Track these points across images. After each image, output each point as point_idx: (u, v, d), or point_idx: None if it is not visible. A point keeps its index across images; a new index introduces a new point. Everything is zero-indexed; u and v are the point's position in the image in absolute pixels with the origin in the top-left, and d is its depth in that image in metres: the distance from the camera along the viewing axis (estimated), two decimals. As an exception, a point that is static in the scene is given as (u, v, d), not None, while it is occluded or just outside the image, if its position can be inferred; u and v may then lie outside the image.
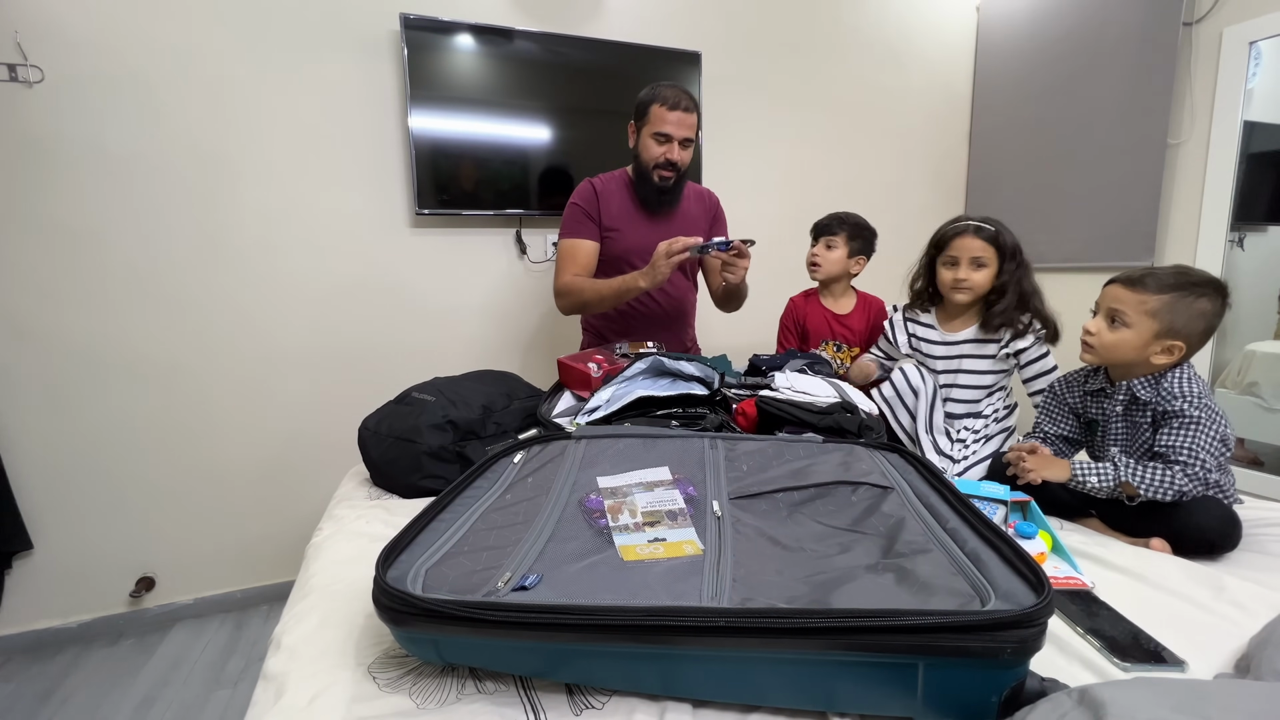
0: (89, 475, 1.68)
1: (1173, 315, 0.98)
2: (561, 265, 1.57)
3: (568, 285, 1.55)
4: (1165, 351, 1.00)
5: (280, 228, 1.78)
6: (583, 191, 1.60)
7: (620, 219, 1.59)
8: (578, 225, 1.58)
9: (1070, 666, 0.67)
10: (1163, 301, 0.98)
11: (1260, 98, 1.88)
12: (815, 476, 0.86)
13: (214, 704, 1.46)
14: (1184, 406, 0.97)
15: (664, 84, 1.52)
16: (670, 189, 1.56)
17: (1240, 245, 1.95)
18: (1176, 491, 0.95)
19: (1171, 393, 0.99)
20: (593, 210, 1.57)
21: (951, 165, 2.70)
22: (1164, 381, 1.01)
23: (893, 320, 1.44)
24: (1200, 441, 0.95)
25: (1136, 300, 1.00)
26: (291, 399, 1.86)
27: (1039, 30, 2.38)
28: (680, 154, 1.52)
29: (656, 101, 1.48)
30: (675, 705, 0.59)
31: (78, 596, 1.71)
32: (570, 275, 1.55)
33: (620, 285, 1.46)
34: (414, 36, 1.77)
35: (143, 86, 1.61)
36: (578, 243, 1.57)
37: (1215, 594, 0.80)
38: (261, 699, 0.64)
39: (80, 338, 1.63)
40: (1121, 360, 1.04)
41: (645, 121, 1.51)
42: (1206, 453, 0.95)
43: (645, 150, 1.52)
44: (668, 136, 1.49)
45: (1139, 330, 1.00)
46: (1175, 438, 0.97)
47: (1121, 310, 1.01)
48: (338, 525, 1.05)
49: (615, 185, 1.61)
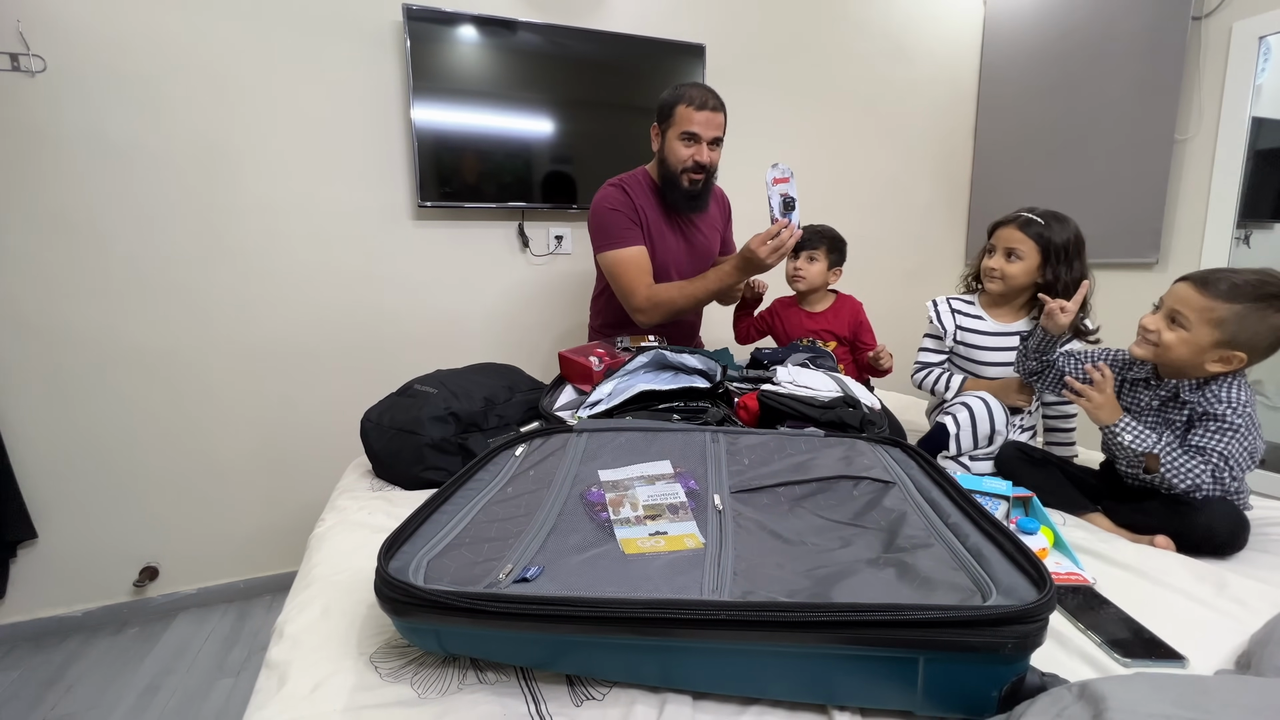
0: (93, 465, 1.69)
1: (1239, 327, 0.92)
2: (631, 277, 1.47)
3: (654, 298, 1.46)
4: (1222, 361, 0.94)
5: (283, 220, 1.78)
6: (616, 198, 1.51)
7: (654, 227, 1.52)
8: (628, 232, 1.49)
9: (1071, 661, 0.67)
10: (1232, 311, 0.92)
11: (1269, 93, 1.87)
12: (817, 471, 0.86)
13: (217, 692, 1.47)
14: (1226, 411, 0.95)
15: (688, 83, 1.46)
16: (700, 192, 1.51)
17: (1246, 242, 1.94)
18: (1194, 485, 0.94)
19: (1217, 396, 0.96)
20: (634, 216, 1.50)
21: (956, 160, 2.69)
22: (1211, 385, 0.97)
23: (938, 309, 1.40)
24: (1233, 448, 0.93)
25: (1204, 305, 0.94)
26: (294, 391, 1.86)
27: (1045, 25, 2.36)
28: (710, 155, 1.46)
29: (682, 102, 1.42)
30: (676, 697, 0.59)
31: (82, 585, 1.72)
32: (646, 286, 1.47)
33: (717, 285, 1.40)
34: (417, 28, 1.77)
35: (145, 78, 1.60)
36: (635, 251, 1.49)
37: (1217, 590, 0.80)
38: (264, 687, 0.64)
39: (83, 329, 1.64)
40: (1174, 361, 0.99)
41: (671, 123, 1.45)
42: (1236, 460, 0.93)
43: (672, 153, 1.46)
44: (696, 137, 1.44)
45: (1197, 336, 0.94)
46: (1210, 439, 0.95)
47: (1183, 313, 0.96)
48: (340, 516, 1.05)
49: (641, 190, 1.53)
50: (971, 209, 2.72)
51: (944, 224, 2.72)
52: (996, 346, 1.33)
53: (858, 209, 2.52)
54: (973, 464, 1.27)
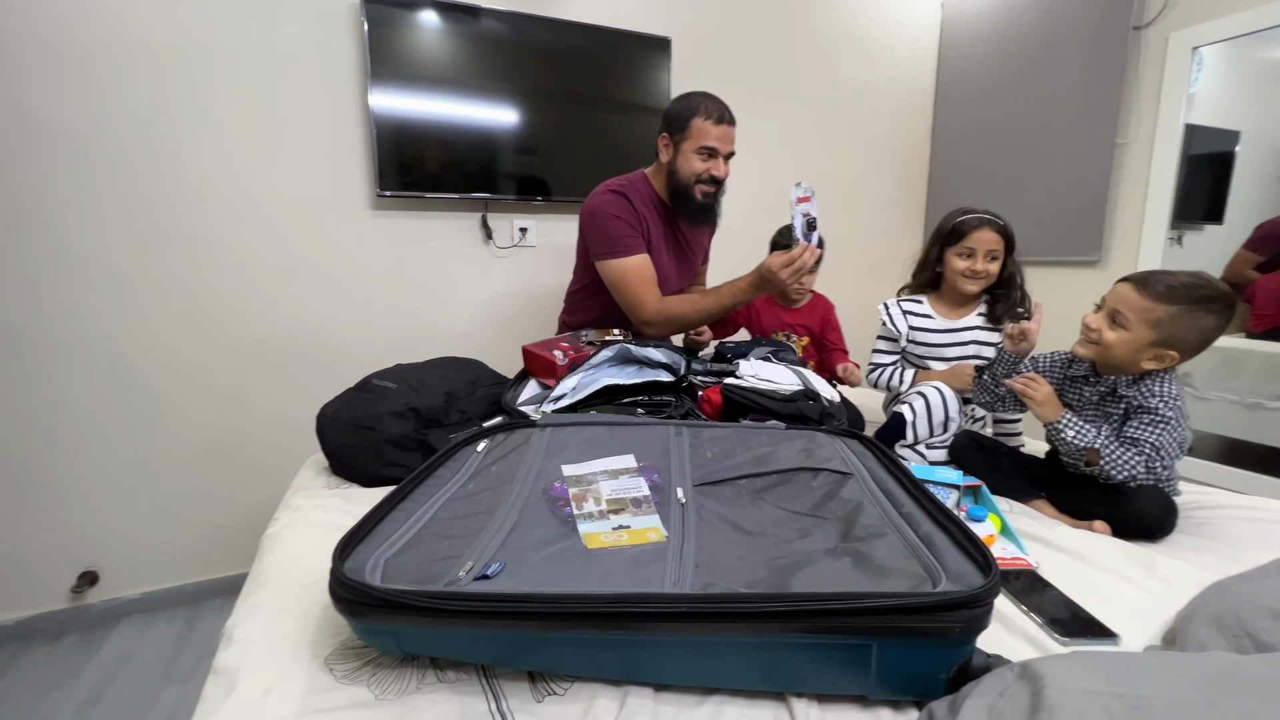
0: (26, 465, 1.59)
1: (1174, 328, 0.97)
2: (638, 289, 1.44)
3: (665, 311, 1.43)
4: (1156, 359, 1.00)
5: (233, 207, 1.70)
6: (618, 204, 1.47)
7: (654, 238, 1.50)
8: (632, 241, 1.45)
9: (1014, 642, 0.70)
10: (1168, 313, 0.97)
11: (1201, 102, 1.97)
12: (778, 463, 0.88)
13: (163, 701, 1.41)
14: (1158, 405, 1.01)
15: (700, 94, 1.44)
16: (713, 204, 1.50)
17: (1179, 243, 2.05)
18: (1129, 475, 1.00)
19: (1151, 390, 1.02)
20: (637, 224, 1.47)
21: (914, 160, 2.76)
22: (1145, 380, 1.03)
23: (890, 311, 1.45)
24: (1164, 439, 0.99)
25: (1142, 306, 0.99)
26: (246, 385, 1.79)
27: (1000, 29, 2.44)
28: (724, 169, 1.46)
29: (699, 114, 1.40)
30: (637, 690, 0.60)
31: (14, 592, 1.62)
32: (656, 299, 1.45)
33: (730, 301, 1.39)
34: (375, 10, 1.71)
35: (81, 54, 1.50)
36: (641, 260, 1.45)
37: (1147, 571, 0.85)
38: (212, 694, 0.62)
39: (15, 322, 1.53)
40: (1113, 359, 1.05)
41: (685, 136, 1.43)
42: (1166, 450, 0.99)
43: (687, 165, 1.44)
44: (714, 151, 1.42)
45: (1136, 335, 1.00)
46: (1144, 431, 1.01)
47: (1123, 313, 1.01)
48: (294, 515, 1.02)
49: (642, 199, 1.50)
50: (929, 206, 2.80)
51: (903, 221, 2.79)
52: (947, 343, 1.40)
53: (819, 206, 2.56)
54: (929, 452, 1.32)
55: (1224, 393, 1.94)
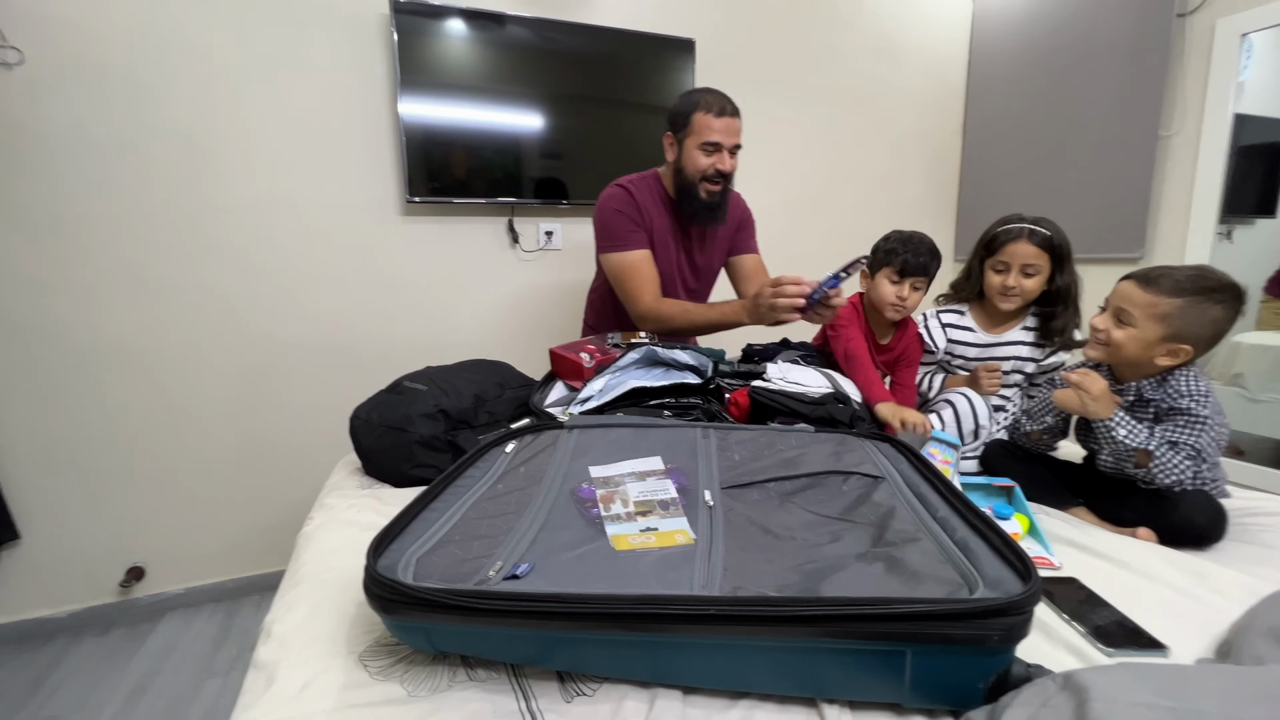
0: (77, 465, 1.67)
1: (1183, 320, 0.95)
2: (635, 284, 1.44)
3: (657, 310, 1.43)
4: (1170, 354, 0.98)
5: (268, 215, 1.76)
6: (621, 198, 1.46)
7: (660, 234, 1.49)
8: (632, 235, 1.45)
9: (1056, 652, 0.68)
10: (1175, 306, 0.95)
11: (1251, 90, 1.89)
12: (807, 466, 0.86)
13: (205, 693, 1.46)
14: (1191, 405, 0.97)
15: (702, 89, 1.43)
16: (719, 202, 1.47)
17: (1229, 238, 1.96)
18: (1177, 480, 0.96)
19: (1179, 391, 0.99)
20: (638, 219, 1.46)
21: (945, 157, 2.70)
22: (1170, 380, 1.00)
23: (928, 324, 1.39)
24: (1203, 440, 0.96)
25: (1147, 301, 0.97)
26: (282, 388, 1.84)
27: (1033, 22, 2.37)
28: (730, 163, 1.43)
29: (699, 109, 1.38)
30: (666, 692, 0.59)
31: (67, 586, 1.70)
32: (651, 296, 1.44)
33: (719, 318, 1.38)
34: (404, 21, 1.74)
35: (127, 71, 1.57)
36: (639, 255, 1.45)
37: (1198, 581, 0.82)
38: (252, 687, 0.63)
39: (66, 327, 1.61)
40: (1125, 359, 1.02)
41: (688, 132, 1.41)
42: (1208, 452, 0.96)
43: (691, 162, 1.41)
44: (717, 145, 1.39)
45: (1144, 331, 0.98)
46: (1181, 433, 0.97)
47: (1128, 310, 0.99)
48: (329, 514, 1.04)
49: (649, 196, 1.48)
50: (960, 205, 2.74)
51: (934, 220, 2.73)
52: (987, 357, 1.34)
53: (848, 206, 2.53)
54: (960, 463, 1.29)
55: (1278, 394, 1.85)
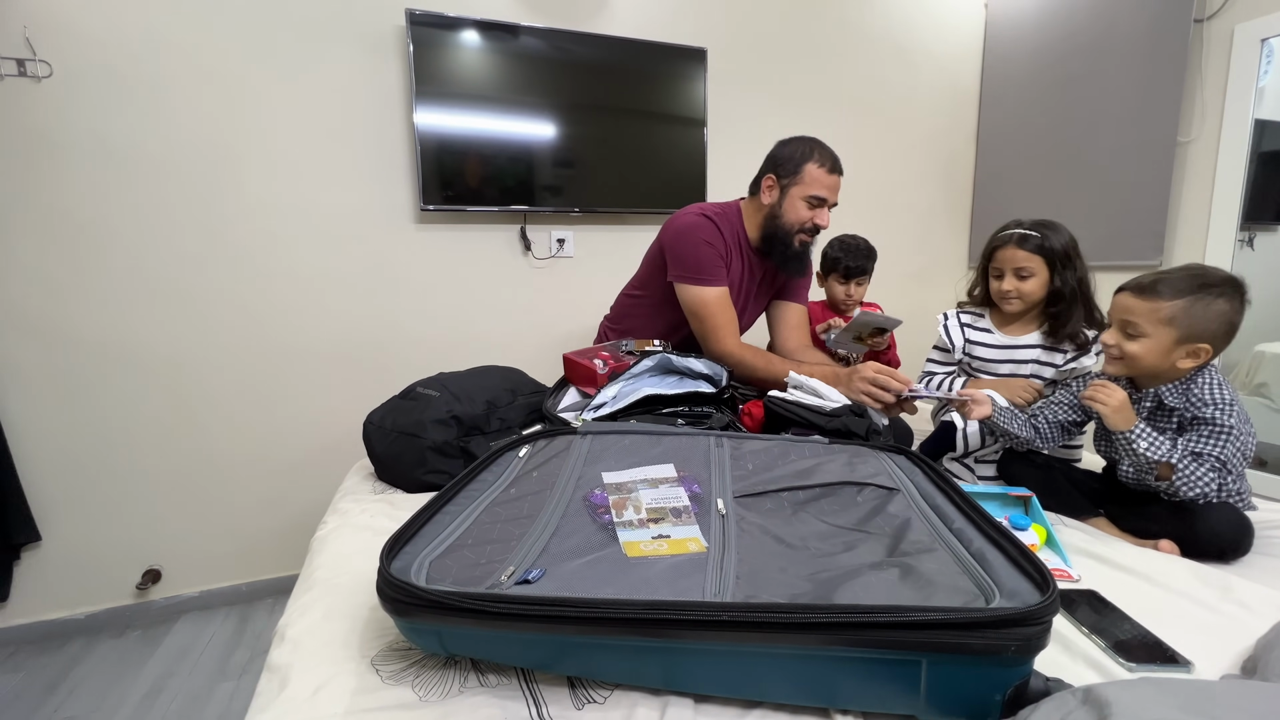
0: (96, 468, 1.70)
1: (1191, 320, 0.94)
2: (718, 323, 1.42)
3: (739, 355, 1.40)
4: (1190, 355, 0.95)
5: (286, 223, 1.79)
6: (711, 231, 1.43)
7: (734, 274, 1.48)
8: (718, 272, 1.42)
9: (1075, 666, 0.67)
10: (1178, 307, 0.94)
11: (1271, 95, 1.86)
12: (821, 476, 0.86)
13: (219, 695, 1.47)
14: (1216, 414, 0.95)
15: (813, 140, 1.42)
16: (806, 254, 1.48)
17: (1250, 245, 1.93)
18: (1201, 493, 0.94)
19: (1203, 399, 0.96)
20: (724, 257, 1.44)
21: (959, 164, 2.69)
22: (1194, 388, 0.98)
23: (947, 323, 1.39)
24: (1229, 451, 0.94)
25: (1149, 309, 0.96)
26: (297, 393, 1.86)
27: (1047, 27, 2.36)
28: (828, 219, 1.42)
29: (813, 160, 1.38)
30: (677, 700, 0.59)
31: (85, 588, 1.73)
32: (734, 339, 1.43)
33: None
34: (419, 32, 1.77)
35: (150, 82, 1.61)
36: (722, 294, 1.42)
37: (1222, 595, 0.80)
38: (265, 690, 0.64)
39: (87, 332, 1.64)
40: (1146, 370, 1.00)
41: (796, 180, 1.39)
42: (1233, 463, 0.93)
43: (794, 211, 1.40)
44: (822, 200, 1.39)
45: (1157, 339, 0.96)
46: (1206, 444, 0.95)
47: (1134, 321, 0.97)
48: (342, 519, 1.05)
49: (731, 234, 1.46)
50: (974, 211, 2.72)
51: (947, 227, 2.72)
52: (1004, 359, 1.32)
53: (861, 212, 2.51)
54: (978, 466, 1.27)
55: (1304, 404, 1.81)
